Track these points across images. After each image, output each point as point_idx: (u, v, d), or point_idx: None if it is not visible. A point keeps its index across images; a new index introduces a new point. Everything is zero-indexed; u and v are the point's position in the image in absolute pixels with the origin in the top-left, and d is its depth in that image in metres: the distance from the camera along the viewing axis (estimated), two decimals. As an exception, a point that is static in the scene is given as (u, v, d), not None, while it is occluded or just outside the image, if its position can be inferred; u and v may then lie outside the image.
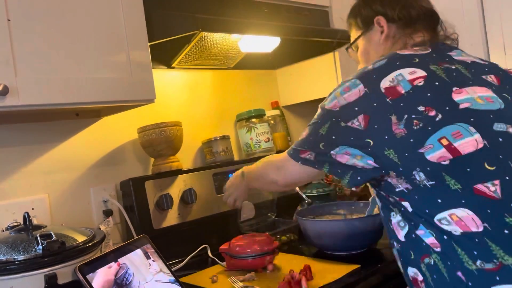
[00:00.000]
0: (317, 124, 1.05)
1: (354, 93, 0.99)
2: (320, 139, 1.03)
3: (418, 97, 0.94)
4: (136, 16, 1.31)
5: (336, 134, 1.00)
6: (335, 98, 1.02)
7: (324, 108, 1.05)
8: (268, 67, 2.16)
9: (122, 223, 1.58)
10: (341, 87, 1.03)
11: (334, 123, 1.01)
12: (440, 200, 0.91)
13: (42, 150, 1.45)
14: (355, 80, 1.01)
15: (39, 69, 1.12)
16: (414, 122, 0.92)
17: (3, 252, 1.00)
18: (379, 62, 1.03)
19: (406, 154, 0.92)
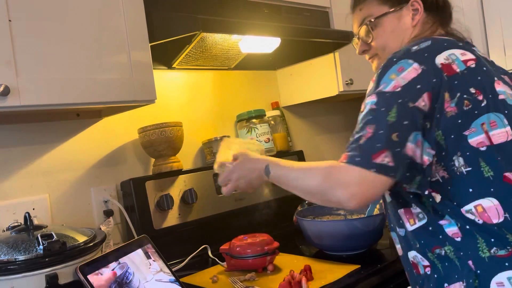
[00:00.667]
0: (381, 113, 0.90)
1: (411, 71, 0.93)
2: (392, 129, 0.88)
3: (471, 78, 0.94)
4: (136, 16, 1.31)
5: (408, 118, 0.89)
6: (392, 80, 0.93)
7: (383, 92, 0.92)
8: (268, 67, 2.16)
9: (123, 223, 1.58)
10: (391, 69, 0.94)
11: (401, 105, 0.90)
12: (472, 190, 0.91)
13: (43, 150, 1.45)
14: (405, 60, 0.95)
15: (40, 69, 1.12)
16: (465, 103, 0.92)
17: (4, 252, 1.00)
18: (422, 43, 0.98)
19: (452, 136, 0.92)
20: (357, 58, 2.05)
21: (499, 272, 0.88)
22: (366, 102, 0.95)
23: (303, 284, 1.16)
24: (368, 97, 0.95)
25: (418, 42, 1.00)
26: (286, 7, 1.73)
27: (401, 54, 0.97)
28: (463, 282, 0.91)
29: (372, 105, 0.93)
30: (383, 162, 0.87)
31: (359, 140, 0.90)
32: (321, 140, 2.40)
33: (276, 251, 1.37)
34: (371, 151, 0.88)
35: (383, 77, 0.95)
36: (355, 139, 0.92)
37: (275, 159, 1.11)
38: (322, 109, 2.42)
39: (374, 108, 0.92)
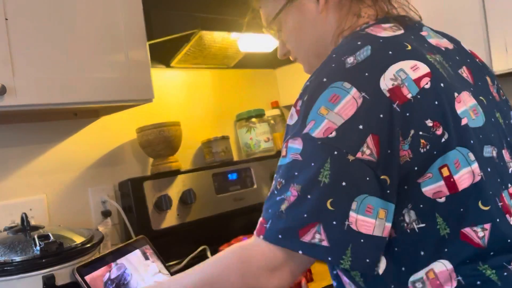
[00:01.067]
0: (310, 169, 0.67)
1: (349, 104, 0.67)
2: (325, 193, 0.66)
3: (427, 105, 0.70)
4: (134, 15, 1.30)
5: (346, 178, 0.66)
6: (323, 118, 0.68)
7: (312, 138, 0.68)
8: (268, 66, 2.15)
9: (121, 224, 1.57)
10: (321, 98, 0.69)
11: (336, 159, 0.66)
12: (423, 252, 0.71)
13: (40, 150, 1.44)
14: (340, 83, 0.69)
15: (37, 68, 1.11)
16: (421, 142, 0.68)
17: (1, 253, 1.00)
18: (360, 52, 0.72)
19: (405, 187, 0.70)
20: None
21: None
22: (289, 145, 0.71)
23: (303, 285, 1.15)
24: (291, 140, 0.71)
25: (351, 46, 0.74)
26: (285, 6, 1.72)
27: (332, 70, 0.72)
28: None
29: (297, 155, 0.69)
30: (314, 240, 0.65)
31: (281, 205, 0.68)
32: (321, 140, 2.39)
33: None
34: (297, 224, 0.66)
35: (311, 109, 0.70)
36: (275, 201, 0.69)
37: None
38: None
39: (299, 161, 0.69)
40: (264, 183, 1.85)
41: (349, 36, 0.79)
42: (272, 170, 1.88)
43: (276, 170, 0.74)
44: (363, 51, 0.71)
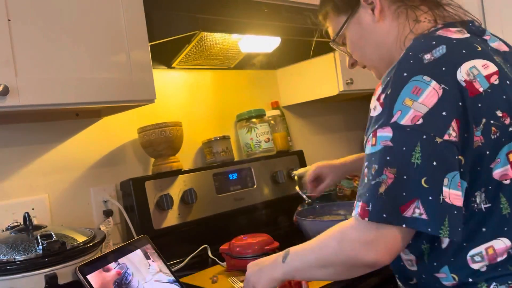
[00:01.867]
0: (402, 153, 0.75)
1: (431, 94, 0.75)
2: (419, 173, 0.74)
3: (496, 98, 0.79)
4: (136, 16, 1.30)
5: (438, 158, 0.74)
6: (409, 108, 0.76)
7: (400, 126, 0.75)
8: (268, 67, 2.16)
9: (122, 223, 1.58)
10: (404, 91, 0.77)
11: (427, 142, 0.74)
12: (485, 229, 0.80)
13: (42, 150, 1.45)
14: (419, 77, 0.77)
15: (39, 69, 1.12)
16: (492, 130, 0.77)
17: (3, 252, 1.00)
18: (436, 50, 0.80)
19: (478, 169, 0.78)
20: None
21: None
22: (378, 134, 0.78)
23: (303, 284, 1.16)
24: (380, 129, 0.78)
25: (426, 45, 0.82)
26: (286, 6, 1.73)
27: (411, 66, 0.79)
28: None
29: (387, 142, 0.76)
30: (414, 214, 0.73)
31: (378, 188, 0.75)
32: (321, 140, 2.40)
33: (275, 251, 1.37)
34: (398, 202, 0.74)
35: (396, 101, 0.77)
36: (372, 185, 0.76)
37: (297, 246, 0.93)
38: (322, 109, 2.42)
39: (391, 146, 0.76)
40: (264, 183, 1.86)
41: (421, 37, 0.86)
42: (272, 170, 1.89)
43: (366, 159, 0.81)
44: (439, 49, 0.80)
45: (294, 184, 1.83)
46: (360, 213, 0.78)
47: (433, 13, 0.93)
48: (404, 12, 0.93)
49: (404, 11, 0.93)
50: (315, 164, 1.48)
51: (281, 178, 1.88)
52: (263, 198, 1.84)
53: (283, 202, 1.89)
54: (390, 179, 0.75)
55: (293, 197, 1.88)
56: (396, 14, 0.94)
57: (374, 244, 0.76)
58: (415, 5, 0.93)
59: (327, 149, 2.41)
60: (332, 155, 2.40)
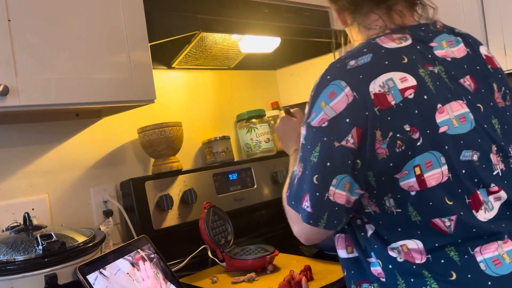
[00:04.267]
0: (307, 151, 0.86)
1: (342, 100, 0.82)
2: (314, 170, 0.84)
3: (407, 112, 0.82)
4: (136, 16, 1.31)
5: (331, 160, 0.83)
6: (321, 110, 0.84)
7: (311, 126, 0.86)
8: (268, 67, 2.16)
9: (122, 223, 1.58)
10: (323, 93, 0.85)
11: (325, 144, 0.83)
12: (400, 229, 0.86)
13: (42, 151, 1.45)
14: (339, 82, 0.84)
15: (39, 69, 1.12)
16: (397, 143, 0.82)
17: (3, 253, 1.00)
18: (362, 58, 0.86)
19: (383, 178, 0.84)
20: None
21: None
22: (301, 133, 0.90)
23: (303, 284, 1.16)
24: (302, 127, 0.89)
25: (357, 52, 0.88)
26: (286, 7, 1.73)
27: (336, 70, 0.87)
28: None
29: (302, 139, 0.88)
30: (304, 207, 0.85)
31: (295, 179, 0.89)
32: (321, 140, 2.40)
33: (275, 251, 1.37)
34: (300, 194, 0.87)
35: (315, 102, 0.87)
36: (292, 178, 0.91)
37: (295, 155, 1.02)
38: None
39: (303, 144, 0.87)
40: (264, 183, 1.86)
41: (362, 43, 0.92)
42: (272, 170, 1.89)
43: None
44: (365, 58, 0.86)
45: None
46: (284, 198, 0.94)
47: (384, 20, 0.95)
48: (357, 27, 1.00)
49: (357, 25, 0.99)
50: None
51: (281, 178, 1.88)
52: (263, 198, 1.84)
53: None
54: (299, 172, 0.87)
55: (293, 197, 1.88)
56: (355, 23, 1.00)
57: (293, 225, 0.92)
58: (364, 13, 0.97)
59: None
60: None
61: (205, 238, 1.42)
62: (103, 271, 1.02)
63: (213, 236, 1.42)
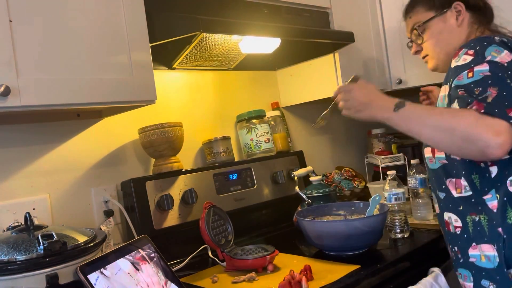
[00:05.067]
0: (500, 77, 1.05)
1: (506, 55, 1.08)
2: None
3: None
4: (137, 17, 1.31)
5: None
6: (495, 56, 1.08)
7: (495, 62, 1.07)
8: (268, 68, 2.16)
9: (123, 223, 1.58)
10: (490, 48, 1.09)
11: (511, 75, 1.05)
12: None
13: (43, 151, 1.45)
14: (496, 46, 1.10)
15: (40, 70, 1.12)
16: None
17: (5, 252, 1.00)
18: (498, 36, 1.14)
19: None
20: (357, 58, 2.05)
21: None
22: (474, 70, 1.07)
23: (303, 284, 1.16)
24: (476, 66, 1.07)
25: (493, 35, 1.14)
26: (286, 8, 1.73)
27: (488, 40, 1.12)
28: (493, 245, 1.12)
29: (486, 72, 1.05)
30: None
31: (487, 99, 1.02)
32: (321, 140, 2.40)
33: (275, 251, 1.37)
34: (504, 106, 1.00)
35: (485, 51, 1.09)
36: (480, 99, 1.03)
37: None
38: (322, 109, 2.42)
39: (489, 75, 1.05)
40: (264, 183, 1.86)
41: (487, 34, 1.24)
42: (272, 170, 1.90)
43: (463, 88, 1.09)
44: (500, 36, 1.15)
45: (294, 185, 1.84)
46: (476, 106, 1.02)
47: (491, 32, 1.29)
48: (477, 25, 1.29)
49: (477, 25, 1.29)
50: None
51: (281, 178, 1.89)
52: (263, 199, 1.84)
53: (283, 202, 1.90)
54: (494, 93, 1.02)
55: (293, 197, 1.88)
56: (471, 25, 1.29)
57: (501, 134, 0.98)
58: (484, 25, 1.29)
59: (327, 149, 2.42)
60: (332, 156, 2.41)
61: (205, 238, 1.42)
62: (104, 271, 1.02)
63: (214, 236, 1.42)
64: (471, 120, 1.01)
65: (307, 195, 1.74)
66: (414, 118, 1.10)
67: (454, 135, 1.03)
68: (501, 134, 0.98)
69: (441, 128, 1.05)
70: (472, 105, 1.04)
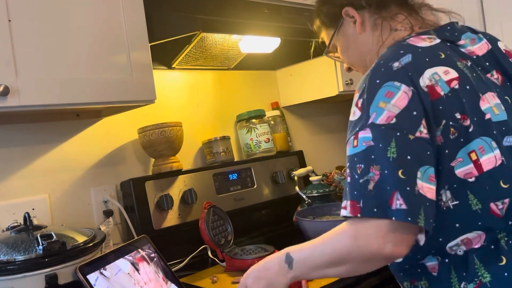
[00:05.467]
0: (380, 149, 0.80)
1: (401, 97, 0.83)
2: (396, 166, 0.79)
3: (455, 102, 0.86)
4: (136, 16, 1.31)
5: (410, 153, 0.80)
6: (382, 109, 0.83)
7: (377, 125, 0.82)
8: (268, 67, 2.16)
9: (123, 223, 1.58)
10: (378, 95, 0.84)
11: (399, 139, 0.80)
12: (458, 225, 0.86)
13: (43, 151, 1.45)
14: (391, 83, 0.85)
15: (40, 69, 1.12)
16: (451, 130, 0.84)
17: (4, 252, 1.00)
18: (403, 58, 0.88)
19: (439, 168, 0.84)
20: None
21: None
22: (359, 136, 0.84)
23: (303, 284, 1.16)
24: (360, 132, 0.84)
25: (395, 54, 0.90)
26: (286, 7, 1.73)
27: (383, 73, 0.87)
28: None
29: (369, 142, 0.82)
30: (397, 206, 0.77)
31: (367, 185, 0.80)
32: (321, 140, 2.40)
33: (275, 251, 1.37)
34: (385, 196, 0.78)
35: (371, 104, 0.84)
36: (360, 184, 0.81)
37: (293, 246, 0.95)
38: (322, 109, 2.42)
39: (371, 145, 0.82)
40: (264, 183, 1.86)
41: (393, 46, 0.95)
42: (272, 170, 1.89)
43: (348, 160, 0.86)
44: (406, 58, 0.88)
45: (294, 184, 1.84)
46: (351, 211, 0.81)
47: (410, 21, 1.02)
48: (380, 24, 1.04)
49: (380, 23, 1.04)
50: None
51: (281, 178, 1.89)
52: (263, 198, 1.84)
53: (283, 202, 1.90)
54: (376, 175, 0.80)
55: (293, 197, 1.88)
56: (374, 26, 1.05)
57: (380, 238, 0.79)
58: (391, 16, 1.03)
59: (326, 149, 2.41)
60: (331, 156, 2.40)
61: (205, 238, 1.42)
62: (104, 271, 1.02)
63: (213, 236, 1.42)
64: (349, 244, 0.82)
65: (307, 195, 1.74)
66: (309, 266, 0.90)
67: (351, 264, 0.85)
68: (386, 237, 0.78)
69: (336, 265, 0.86)
70: (348, 208, 0.82)
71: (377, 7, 1.05)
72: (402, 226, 0.78)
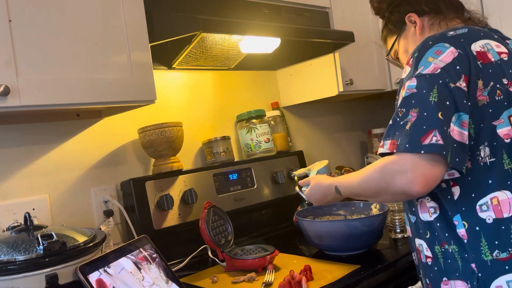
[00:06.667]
0: (423, 95, 0.92)
1: (448, 54, 0.96)
2: (436, 108, 0.90)
3: (504, 69, 0.98)
4: (137, 16, 1.31)
5: (450, 99, 0.91)
6: (430, 63, 0.96)
7: (423, 74, 0.95)
8: (268, 67, 2.16)
9: (123, 223, 1.58)
10: (428, 52, 0.98)
11: (442, 86, 0.92)
12: (491, 181, 0.95)
13: (43, 151, 1.45)
14: (441, 44, 0.98)
15: (40, 69, 1.12)
16: (497, 92, 0.95)
17: (4, 252, 1.00)
18: (460, 29, 1.02)
19: (481, 125, 0.95)
20: (357, 58, 2.06)
21: (499, 276, 0.92)
22: (406, 86, 0.96)
23: (303, 284, 1.16)
24: (408, 81, 0.97)
25: (454, 28, 1.03)
26: (286, 7, 1.73)
27: (436, 37, 1.00)
28: (466, 283, 0.96)
29: (412, 89, 0.95)
30: (432, 141, 0.88)
31: (405, 126, 0.92)
32: (321, 140, 2.40)
33: (275, 251, 1.37)
34: (419, 134, 0.90)
35: (421, 60, 0.97)
36: (401, 125, 0.94)
37: (340, 177, 1.15)
38: (322, 109, 2.43)
39: (415, 92, 0.94)
40: (264, 183, 1.86)
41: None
42: (272, 170, 1.90)
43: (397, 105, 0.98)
44: (461, 29, 1.03)
45: (294, 185, 1.84)
46: (389, 148, 0.94)
47: (458, 19, 1.17)
48: (437, 23, 1.18)
49: (437, 23, 1.18)
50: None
51: (281, 178, 1.89)
52: (263, 199, 1.84)
53: (283, 202, 1.90)
54: (413, 117, 0.92)
55: (293, 197, 1.88)
56: (432, 27, 1.19)
57: (406, 173, 0.89)
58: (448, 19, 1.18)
59: (327, 149, 2.42)
60: (332, 156, 2.40)
61: (205, 238, 1.42)
62: (108, 269, 1.02)
63: (213, 236, 1.42)
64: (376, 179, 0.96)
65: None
66: (354, 195, 1.10)
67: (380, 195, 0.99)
68: (405, 173, 0.89)
69: (370, 196, 1.03)
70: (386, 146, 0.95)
71: (436, 12, 1.19)
72: (431, 160, 0.88)
